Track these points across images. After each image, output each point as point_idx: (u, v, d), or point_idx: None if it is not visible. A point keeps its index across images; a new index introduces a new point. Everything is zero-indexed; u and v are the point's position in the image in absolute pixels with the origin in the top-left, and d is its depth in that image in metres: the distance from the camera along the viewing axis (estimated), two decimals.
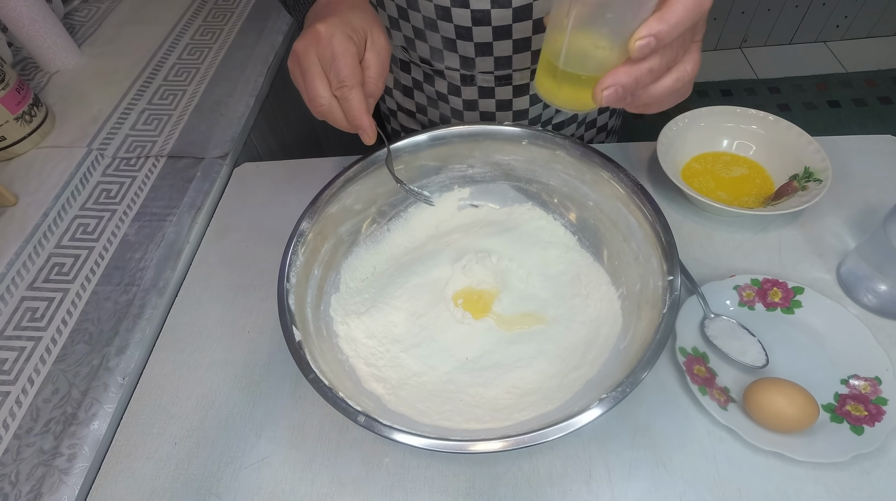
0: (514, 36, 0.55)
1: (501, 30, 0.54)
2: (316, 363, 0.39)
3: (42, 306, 0.56)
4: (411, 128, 0.73)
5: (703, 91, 1.89)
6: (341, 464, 0.44)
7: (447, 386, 0.44)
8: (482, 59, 0.58)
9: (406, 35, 0.60)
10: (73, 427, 0.47)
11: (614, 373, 0.39)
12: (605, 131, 0.75)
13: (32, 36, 0.78)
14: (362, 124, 0.41)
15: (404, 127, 0.74)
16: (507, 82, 0.61)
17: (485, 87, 0.61)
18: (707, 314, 0.47)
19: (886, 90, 1.83)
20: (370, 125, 0.41)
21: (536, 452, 0.43)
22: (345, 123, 0.42)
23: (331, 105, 0.41)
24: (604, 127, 0.74)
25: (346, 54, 0.40)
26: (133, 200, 0.65)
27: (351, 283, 0.51)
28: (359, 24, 0.42)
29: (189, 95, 0.78)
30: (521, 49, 0.56)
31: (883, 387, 0.42)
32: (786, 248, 0.53)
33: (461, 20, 0.54)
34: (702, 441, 0.42)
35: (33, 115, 0.71)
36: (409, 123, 0.74)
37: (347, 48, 0.40)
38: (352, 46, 0.40)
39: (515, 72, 0.59)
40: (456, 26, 0.54)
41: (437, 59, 0.60)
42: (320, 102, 0.40)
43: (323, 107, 0.41)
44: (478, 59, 0.58)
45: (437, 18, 0.55)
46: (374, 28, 0.43)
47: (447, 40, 0.57)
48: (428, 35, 0.58)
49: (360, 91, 0.41)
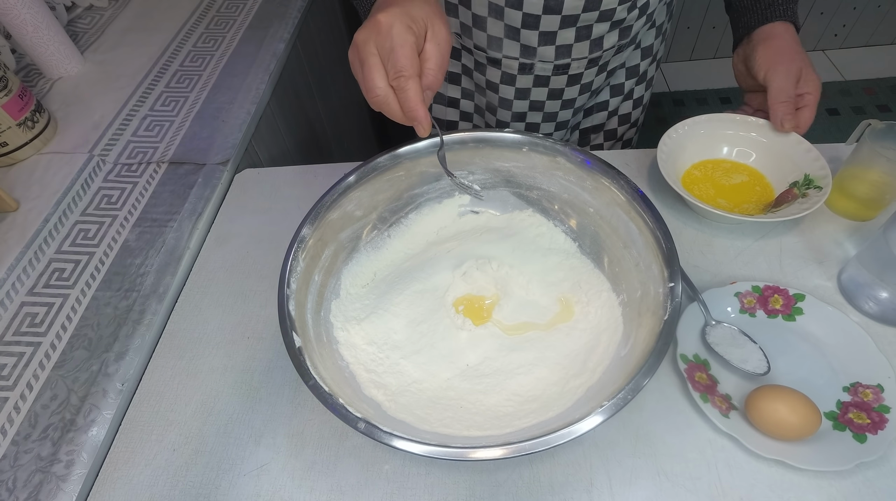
0: (579, 24, 0.55)
1: (569, 18, 0.55)
2: (316, 369, 0.39)
3: (42, 311, 0.56)
4: (448, 119, 0.73)
5: (702, 99, 1.90)
6: (340, 471, 0.44)
7: (447, 393, 0.44)
8: (544, 49, 0.58)
9: (463, 22, 0.60)
10: (71, 434, 0.47)
11: (615, 380, 0.39)
12: (634, 125, 0.78)
13: (36, 43, 0.79)
14: (417, 116, 0.41)
15: (438, 119, 0.74)
16: (563, 71, 0.61)
17: (541, 76, 0.62)
18: (708, 321, 0.47)
19: (885, 98, 1.84)
20: (425, 117, 0.41)
21: (537, 460, 0.43)
22: (400, 115, 0.41)
23: (387, 96, 0.40)
24: (627, 117, 0.76)
25: (404, 45, 0.40)
26: (134, 206, 0.66)
27: (351, 289, 0.51)
28: (419, 14, 0.41)
29: (191, 101, 0.78)
30: (583, 38, 0.57)
31: (885, 395, 0.42)
32: (786, 255, 0.53)
33: (531, 8, 0.54)
34: (703, 448, 0.42)
35: (35, 121, 0.72)
36: (447, 115, 0.73)
37: (406, 38, 0.40)
38: (411, 37, 0.40)
39: (574, 61, 0.60)
40: (524, 14, 0.54)
41: (494, 48, 0.60)
42: (377, 93, 0.40)
43: (379, 97, 0.40)
44: (540, 49, 0.58)
45: (506, 6, 0.54)
46: (436, 19, 0.42)
47: (510, 28, 0.57)
48: (490, 23, 0.57)
49: (417, 82, 0.40)
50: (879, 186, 0.51)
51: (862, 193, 0.53)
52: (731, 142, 0.61)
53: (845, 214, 0.55)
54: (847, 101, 1.84)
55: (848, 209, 0.55)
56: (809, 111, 0.55)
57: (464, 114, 0.73)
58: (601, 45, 0.60)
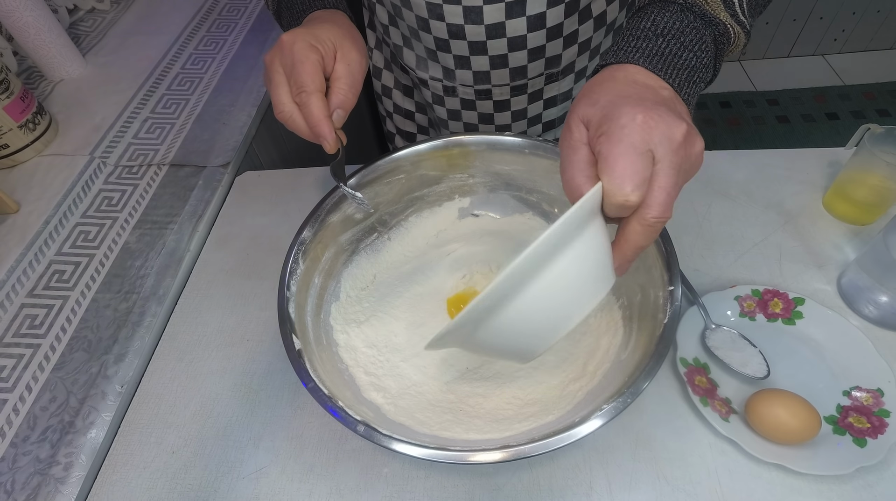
0: (490, 52, 0.55)
1: (477, 45, 0.54)
2: (315, 371, 0.39)
3: (41, 313, 0.56)
4: (407, 130, 0.74)
5: (702, 103, 1.90)
6: (340, 474, 0.43)
7: (447, 396, 0.44)
8: (462, 72, 0.58)
9: (395, 42, 0.61)
10: (70, 436, 0.47)
11: (615, 384, 0.39)
12: None
13: (37, 45, 0.79)
14: (321, 131, 0.41)
15: (399, 129, 0.74)
16: (486, 97, 0.60)
17: (466, 99, 0.61)
18: (708, 325, 0.47)
19: (884, 103, 1.84)
20: (329, 133, 0.41)
21: (537, 463, 0.43)
22: (306, 131, 0.42)
23: (292, 112, 0.41)
24: None
25: (305, 61, 0.40)
26: (134, 208, 0.66)
27: (351, 292, 0.51)
28: (325, 35, 0.42)
29: (192, 104, 0.79)
30: (499, 66, 0.56)
31: (885, 399, 0.42)
32: (786, 259, 0.53)
33: (439, 32, 0.54)
34: (703, 452, 0.42)
35: (37, 123, 0.72)
36: (406, 126, 0.74)
37: (307, 55, 0.40)
38: (312, 54, 0.41)
39: (495, 87, 0.59)
40: (435, 38, 0.55)
41: (421, 68, 0.61)
42: (281, 109, 0.41)
43: (284, 113, 0.41)
44: (458, 72, 0.58)
45: (419, 29, 0.55)
46: (346, 41, 0.43)
47: (430, 51, 0.57)
48: (414, 44, 0.58)
49: (320, 97, 0.41)
50: (879, 190, 0.51)
51: (861, 197, 0.53)
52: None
53: (845, 218, 0.55)
54: (846, 105, 1.85)
55: (848, 213, 0.55)
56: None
57: (420, 127, 0.73)
58: (525, 74, 0.57)
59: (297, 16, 0.49)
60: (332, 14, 0.47)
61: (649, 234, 0.31)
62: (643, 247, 0.32)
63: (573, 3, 0.52)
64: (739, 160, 0.62)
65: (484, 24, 0.52)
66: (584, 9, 0.53)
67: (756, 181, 0.60)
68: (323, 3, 0.49)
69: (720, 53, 0.38)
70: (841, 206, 0.55)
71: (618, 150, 0.29)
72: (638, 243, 0.31)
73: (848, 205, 0.54)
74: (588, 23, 0.55)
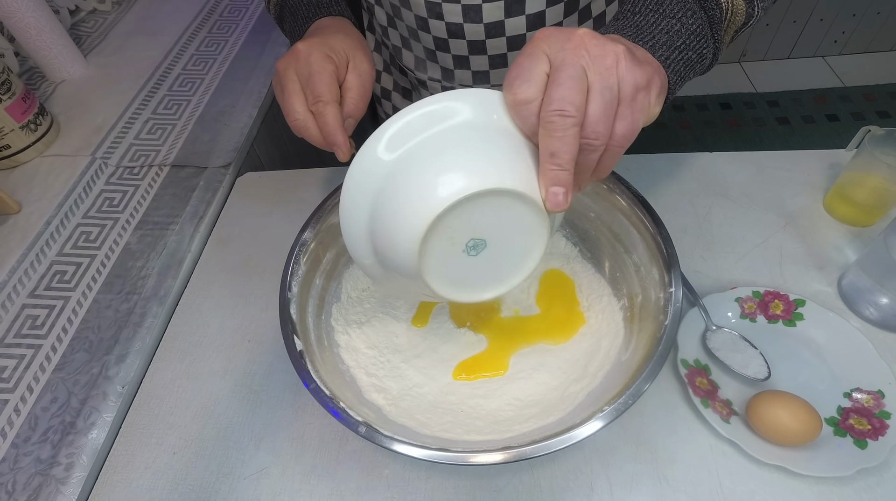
0: (490, 52, 0.55)
1: (476, 44, 0.54)
2: (317, 372, 0.39)
3: (43, 313, 0.56)
4: None
5: (702, 104, 1.90)
6: (341, 476, 0.44)
7: (448, 397, 0.44)
8: (461, 72, 0.58)
9: (394, 44, 0.61)
10: (71, 436, 0.47)
11: (616, 385, 0.39)
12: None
13: (39, 46, 0.79)
14: (336, 140, 0.41)
15: None
16: None
17: None
18: (709, 326, 0.47)
19: (884, 104, 1.84)
20: (344, 142, 0.41)
21: (537, 465, 0.43)
22: (320, 139, 0.42)
23: (306, 121, 0.41)
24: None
25: (322, 72, 0.41)
26: (136, 208, 0.66)
27: (352, 293, 0.51)
28: (339, 45, 0.43)
29: (193, 105, 0.79)
30: (499, 65, 0.56)
31: (886, 401, 0.42)
32: (787, 261, 0.53)
33: (438, 32, 0.54)
34: (704, 454, 0.42)
35: (38, 123, 0.72)
36: None
37: (324, 66, 0.41)
38: (329, 65, 0.41)
39: (496, 87, 0.59)
40: (434, 37, 0.55)
41: (420, 69, 0.61)
42: (296, 117, 0.41)
43: (298, 121, 0.41)
44: (457, 72, 0.58)
45: (418, 29, 0.55)
46: (357, 52, 0.44)
47: (429, 51, 0.57)
48: (412, 44, 0.58)
49: (336, 107, 0.41)
50: (879, 192, 0.51)
51: (862, 199, 0.53)
52: None
53: (845, 220, 0.55)
54: (847, 107, 1.85)
55: (848, 215, 0.55)
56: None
57: None
58: None
59: (302, 22, 0.49)
60: (341, 23, 0.48)
61: (558, 139, 0.28)
62: (559, 159, 0.29)
63: (572, 3, 0.52)
64: (740, 162, 0.62)
65: (483, 22, 0.52)
66: (584, 8, 0.53)
67: (756, 183, 0.60)
68: (329, 10, 0.49)
69: (716, 24, 0.38)
70: (841, 207, 0.55)
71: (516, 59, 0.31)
72: (547, 148, 0.29)
73: (848, 207, 0.54)
74: (588, 23, 0.55)
